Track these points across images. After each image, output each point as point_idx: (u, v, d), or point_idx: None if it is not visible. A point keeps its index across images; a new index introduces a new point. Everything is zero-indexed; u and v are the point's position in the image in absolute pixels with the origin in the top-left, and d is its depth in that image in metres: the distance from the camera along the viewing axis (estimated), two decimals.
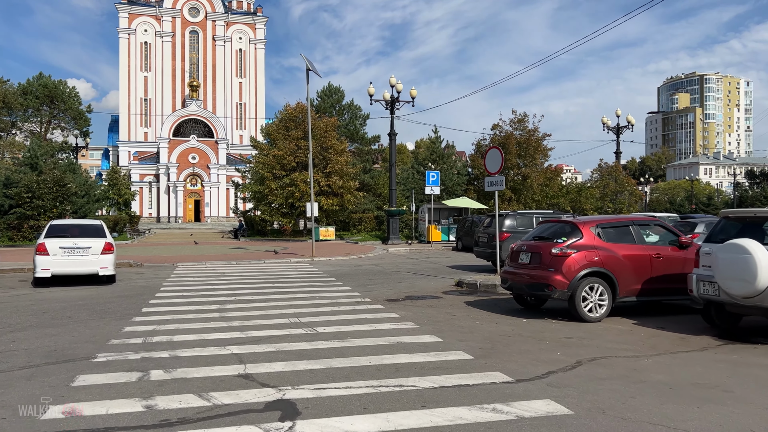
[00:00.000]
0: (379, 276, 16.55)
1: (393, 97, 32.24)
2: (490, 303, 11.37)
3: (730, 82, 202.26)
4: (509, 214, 17.55)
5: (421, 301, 11.59)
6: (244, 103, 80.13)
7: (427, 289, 13.64)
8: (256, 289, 13.57)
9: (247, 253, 24.99)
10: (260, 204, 39.35)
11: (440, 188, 29.64)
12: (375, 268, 18.91)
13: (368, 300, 11.74)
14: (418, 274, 17.11)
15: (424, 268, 18.81)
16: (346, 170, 37.72)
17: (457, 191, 38.90)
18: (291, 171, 37.64)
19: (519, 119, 37.16)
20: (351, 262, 21.70)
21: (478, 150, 38.52)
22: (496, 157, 14.58)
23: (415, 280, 15.34)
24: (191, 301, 11.73)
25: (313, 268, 18.92)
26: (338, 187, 36.95)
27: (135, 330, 8.72)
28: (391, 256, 24.38)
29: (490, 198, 37.06)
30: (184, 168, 73.19)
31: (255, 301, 11.68)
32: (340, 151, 38.00)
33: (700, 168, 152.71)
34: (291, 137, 37.99)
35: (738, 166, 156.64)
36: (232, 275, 16.71)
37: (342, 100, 45.37)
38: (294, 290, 13.33)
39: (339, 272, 17.61)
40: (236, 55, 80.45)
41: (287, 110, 39.65)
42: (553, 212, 18.56)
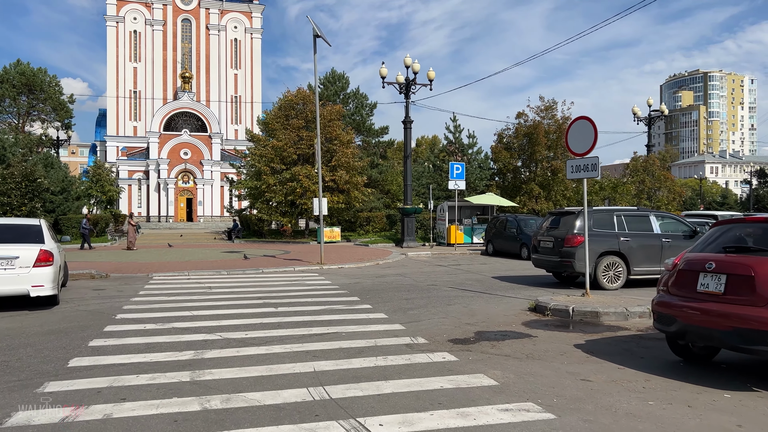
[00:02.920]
0: (413, 292, 12.49)
1: (408, 79, 28.20)
2: (622, 349, 7.30)
3: (734, 79, 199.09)
4: (582, 212, 13.51)
5: (507, 345, 7.53)
6: (239, 96, 75.86)
7: (496, 317, 9.58)
8: (251, 318, 9.48)
9: (241, 259, 20.87)
10: (257, 202, 35.23)
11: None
12: (402, 280, 14.85)
13: (423, 341, 7.68)
14: (464, 289, 13.05)
15: (466, 281, 14.75)
16: (353, 164, 33.65)
17: (479, 187, 34.87)
18: (292, 164, 33.55)
19: (546, 106, 33.16)
20: (369, 270, 17.62)
21: (500, 141, 34.50)
22: (586, 131, 10.53)
23: (468, 301, 11.27)
24: (153, 344, 7.63)
25: (325, 281, 14.84)
26: (344, 182, 32.88)
27: (29, 421, 4.63)
28: (414, 263, 20.29)
29: (517, 194, 33.05)
30: (175, 164, 68.92)
31: (250, 344, 7.60)
32: (346, 143, 33.92)
33: (706, 167, 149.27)
34: (291, 127, 33.89)
35: (746, 164, 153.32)
36: (221, 293, 12.61)
37: (347, 87, 41.26)
38: (306, 321, 9.24)
39: (359, 286, 13.54)
40: (231, 45, 76.20)
41: (287, 97, 35.55)
42: (637, 208, 14.55)
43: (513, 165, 34.07)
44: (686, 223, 13.88)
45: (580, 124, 10.70)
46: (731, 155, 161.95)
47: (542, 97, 33.31)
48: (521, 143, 33.48)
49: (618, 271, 13.03)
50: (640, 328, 8.58)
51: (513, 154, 33.83)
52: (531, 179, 33.29)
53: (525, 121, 33.59)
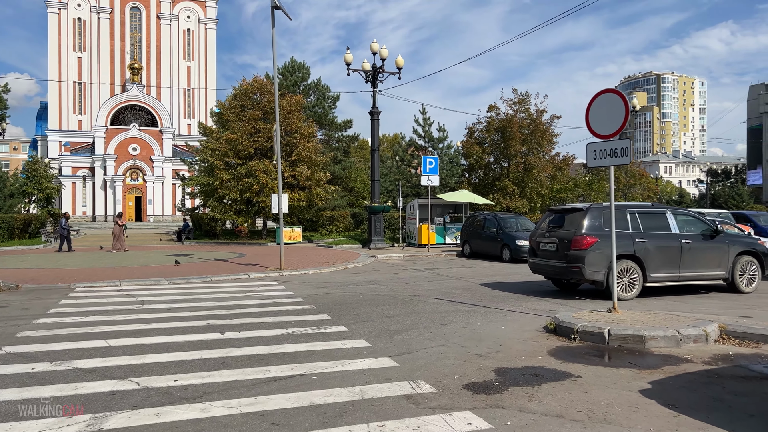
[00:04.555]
0: (395, 306, 10.22)
1: (375, 66, 25.89)
2: (709, 399, 5.18)
3: (685, 81, 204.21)
4: (590, 208, 11.49)
5: (548, 393, 5.33)
6: (192, 89, 72.11)
7: (510, 343, 7.39)
8: (187, 351, 7.04)
9: (188, 264, 18.21)
10: (209, 200, 32.34)
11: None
12: (378, 290, 12.56)
13: (429, 389, 5.43)
14: (454, 301, 10.86)
15: (452, 290, 12.57)
16: (315, 159, 31.16)
17: (450, 183, 32.85)
18: (248, 159, 30.84)
19: (520, 99, 31.37)
20: (337, 277, 15.28)
21: (471, 136, 32.55)
22: (613, 107, 8.44)
23: (466, 319, 9.07)
24: (30, 400, 5.15)
25: (286, 291, 12.42)
26: (305, 178, 30.36)
27: None
28: (387, 267, 18.04)
29: (490, 191, 31.18)
30: (123, 160, 64.80)
31: (178, 398, 5.19)
32: (307, 136, 31.40)
33: (660, 166, 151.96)
34: (247, 118, 31.17)
35: (698, 164, 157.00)
36: (154, 310, 10.07)
37: (308, 78, 38.59)
38: (262, 354, 6.85)
39: (328, 299, 11.19)
40: (184, 36, 72.37)
41: (243, 86, 32.81)
42: (652, 204, 12.62)
43: (485, 161, 32.20)
44: (706, 222, 12.04)
45: (607, 99, 8.62)
46: (684, 155, 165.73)
47: (515, 90, 31.63)
48: (493, 138, 31.62)
49: (633, 278, 11.07)
50: (704, 359, 6.53)
51: (485, 149, 31.95)
52: (504, 175, 31.48)
53: (497, 115, 31.74)
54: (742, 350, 6.92)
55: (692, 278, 11.53)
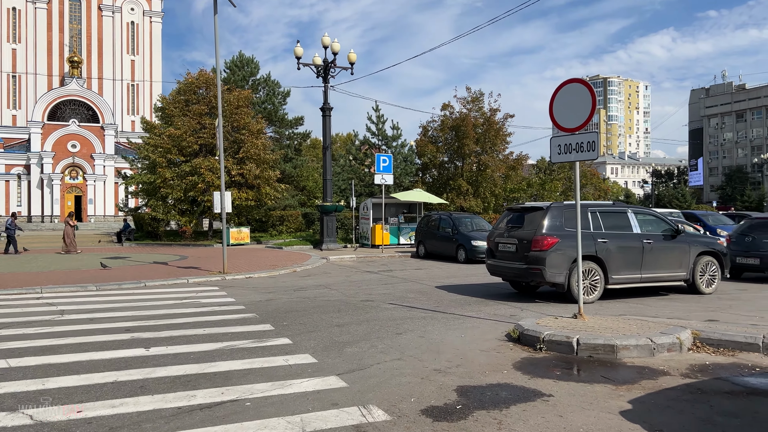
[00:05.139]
0: (346, 314, 9.42)
1: (327, 61, 25.03)
2: (698, 421, 4.58)
3: (630, 85, 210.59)
4: (551, 207, 10.95)
5: (518, 417, 4.63)
6: (137, 84, 69.30)
7: (471, 355, 6.70)
8: (102, 372, 6.05)
9: (123, 268, 16.91)
10: (151, 199, 30.71)
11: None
12: (328, 295, 11.73)
13: (383, 417, 4.65)
14: (409, 306, 10.14)
15: (407, 293, 11.85)
16: (264, 156, 29.96)
17: (404, 182, 32.19)
18: (192, 156, 29.39)
19: (473, 98, 31.02)
20: (284, 281, 14.34)
21: (425, 135, 32.01)
22: (579, 98, 7.87)
23: (422, 327, 8.34)
24: None
25: (227, 298, 11.44)
26: (254, 177, 29.14)
27: None
28: (339, 270, 17.20)
29: (445, 190, 30.69)
30: (62, 158, 61.61)
31: None
32: (256, 133, 30.18)
33: (607, 167, 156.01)
34: (192, 113, 29.70)
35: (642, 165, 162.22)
36: (74, 321, 8.95)
37: (256, 72, 37.25)
38: (190, 375, 5.93)
39: (273, 306, 10.28)
40: (128, 29, 69.47)
41: (187, 80, 31.29)
42: (613, 203, 12.20)
43: (439, 159, 31.71)
44: (667, 221, 11.71)
45: (572, 90, 8.04)
46: (629, 157, 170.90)
47: (469, 88, 31.26)
48: (447, 136, 31.18)
49: (595, 280, 10.60)
50: (682, 371, 5.98)
51: (439, 148, 31.47)
52: (458, 175, 31.07)
53: (451, 114, 31.30)
54: (719, 359, 6.43)
55: (654, 279, 11.16)
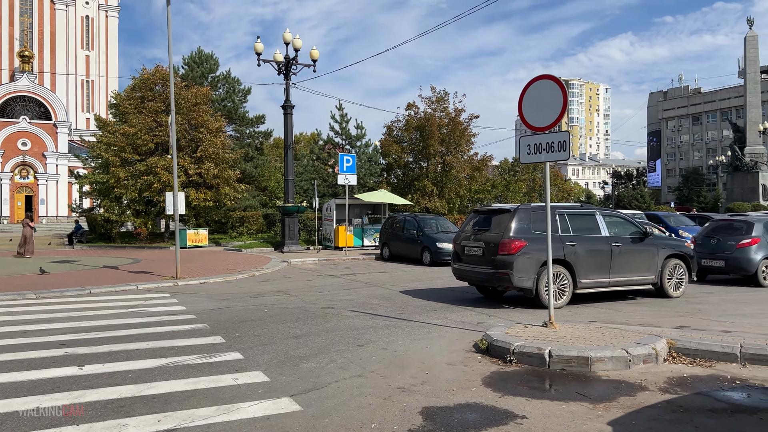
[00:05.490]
0: (305, 323, 8.84)
1: (288, 57, 24.35)
2: None
3: (590, 88, 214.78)
4: (518, 209, 10.58)
5: None
6: (91, 81, 66.92)
7: (438, 370, 6.22)
8: (27, 395, 5.35)
9: (69, 273, 15.93)
10: (104, 199, 29.43)
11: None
12: (287, 302, 11.12)
13: None
14: (372, 314, 9.62)
15: (370, 299, 11.34)
16: (224, 155, 29.04)
17: (368, 183, 31.64)
18: (148, 155, 28.25)
19: (438, 98, 30.69)
20: (241, 286, 13.65)
21: (390, 134, 31.56)
22: (549, 96, 7.48)
23: (386, 337, 7.84)
24: None
25: (178, 306, 10.72)
26: (212, 176, 28.19)
27: None
28: (300, 273, 16.57)
29: (409, 191, 30.28)
30: (11, 156, 58.94)
31: None
32: (215, 131, 29.20)
33: (568, 168, 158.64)
34: (148, 110, 28.58)
35: (603, 167, 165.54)
36: (4, 335, 8.14)
37: (216, 69, 36.17)
38: (123, 399, 5.28)
39: (226, 315, 9.62)
40: (82, 23, 67.04)
41: (143, 75, 30.11)
42: (581, 204, 11.92)
43: (404, 160, 31.30)
44: (635, 223, 11.48)
45: (542, 86, 7.64)
46: (590, 158, 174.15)
47: (434, 88, 30.92)
48: (412, 137, 30.79)
49: (563, 285, 10.27)
50: (660, 385, 5.62)
51: (404, 148, 31.06)
52: (423, 175, 30.71)
53: (416, 113, 30.92)
54: (696, 371, 6.10)
55: (622, 284, 10.91)
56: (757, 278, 12.69)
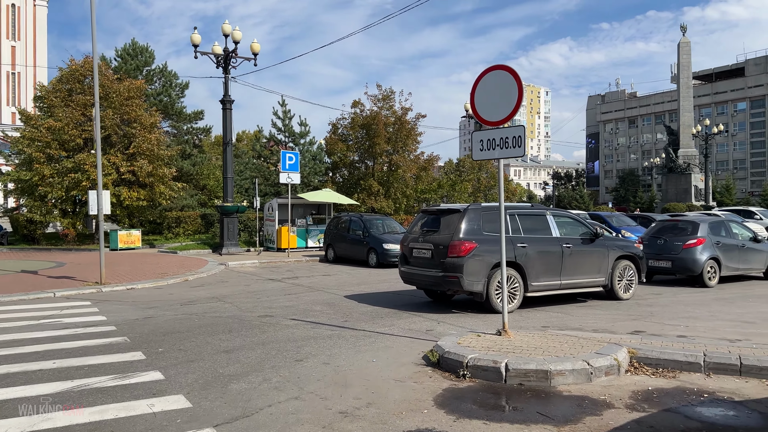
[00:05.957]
0: (238, 334, 8.05)
1: (227, 50, 23.26)
2: None
3: (532, 91, 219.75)
4: (468, 209, 10.07)
5: None
6: (18, 73, 63.02)
7: (385, 389, 5.59)
8: None
9: None
10: (28, 198, 27.41)
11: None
12: (221, 309, 10.26)
13: None
14: (314, 322, 8.91)
15: (312, 305, 10.61)
16: (158, 152, 27.53)
17: (313, 182, 30.74)
18: (76, 151, 26.52)
19: (384, 96, 30.15)
20: (172, 293, 12.64)
21: (335, 132, 30.77)
22: (504, 88, 6.97)
23: (328, 348, 7.15)
24: None
25: (97, 316, 9.68)
26: (146, 174, 26.68)
27: None
28: (238, 278, 15.62)
29: (355, 191, 29.60)
30: None
31: None
32: (149, 126, 27.67)
33: (511, 169, 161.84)
34: (75, 103, 26.79)
35: (543, 168, 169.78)
36: None
37: (151, 62, 34.41)
38: None
39: (150, 326, 8.69)
40: (8, 12, 63.02)
41: (71, 67, 28.22)
42: (532, 205, 11.53)
43: (349, 159, 30.57)
44: (585, 224, 11.21)
45: (496, 78, 7.13)
46: (531, 160, 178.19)
47: (380, 86, 30.36)
48: (358, 135, 30.12)
49: (514, 288, 9.85)
50: (625, 401, 5.18)
51: (350, 146, 30.34)
52: (369, 175, 30.09)
53: (361, 111, 30.28)
54: (661, 383, 5.70)
55: (574, 286, 10.60)
56: (702, 278, 12.69)
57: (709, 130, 41.48)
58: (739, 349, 6.27)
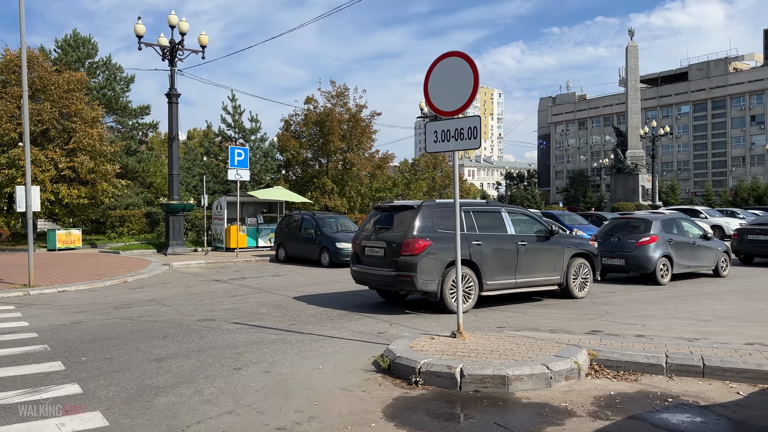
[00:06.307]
0: (173, 340, 7.42)
1: (174, 42, 22.31)
2: None
3: (486, 92, 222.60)
4: (422, 206, 9.66)
5: None
6: None
7: (329, 399, 5.10)
8: None
9: None
10: None
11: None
12: (158, 313, 9.55)
13: None
14: (258, 326, 8.34)
15: (258, 307, 10.02)
16: (101, 148, 26.22)
17: (264, 180, 29.86)
18: (10, 146, 25.00)
19: (338, 92, 29.56)
20: (107, 295, 11.80)
21: (288, 129, 30.00)
22: (459, 76, 6.58)
23: (270, 354, 6.61)
24: None
25: (19, 322, 8.84)
26: (88, 171, 25.36)
27: None
28: (181, 279, 14.83)
29: (308, 189, 28.93)
30: None
31: None
32: (90, 121, 26.32)
33: (465, 169, 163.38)
34: (9, 96, 25.27)
35: (496, 169, 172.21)
36: None
37: (94, 55, 32.81)
38: None
39: (77, 333, 7.95)
40: None
41: (6, 57, 26.60)
42: (487, 201, 11.21)
43: (303, 156, 29.85)
44: (541, 221, 10.99)
45: (451, 65, 6.74)
46: (485, 160, 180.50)
47: (333, 82, 29.73)
48: (311, 132, 29.44)
49: (469, 287, 9.50)
50: (588, 408, 4.84)
51: (303, 143, 29.63)
52: (323, 172, 29.46)
53: (315, 108, 29.62)
54: (623, 387, 5.40)
55: (529, 284, 10.34)
56: (655, 276, 12.67)
57: (656, 132, 42.52)
58: (700, 349, 6.05)
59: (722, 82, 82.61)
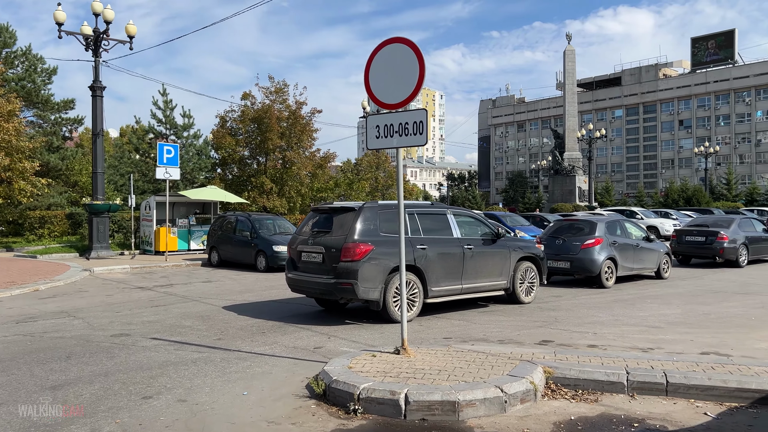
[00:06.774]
0: (78, 361, 6.46)
1: (98, 31, 20.86)
2: None
3: (427, 94, 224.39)
4: (363, 208, 8.98)
5: None
6: None
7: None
8: None
9: None
10: None
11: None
12: (68, 327, 8.48)
13: None
14: (179, 342, 7.45)
15: (182, 319, 9.09)
16: (18, 144, 24.18)
17: (197, 179, 28.42)
18: None
19: (277, 89, 28.47)
20: (12, 307, 10.53)
21: (223, 126, 28.67)
22: (403, 64, 5.95)
23: (189, 379, 5.77)
24: None
25: None
26: (3, 168, 23.35)
27: None
28: (101, 286, 13.59)
29: (246, 189, 27.74)
30: None
31: None
32: (5, 114, 24.23)
33: (407, 170, 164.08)
34: None
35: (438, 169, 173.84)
36: None
37: (13, 44, 30.41)
38: None
39: None
40: None
41: None
42: (431, 203, 10.61)
43: (239, 154, 28.62)
44: (487, 223, 10.52)
45: (394, 52, 6.09)
46: (427, 161, 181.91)
47: (272, 78, 28.65)
48: (249, 129, 28.25)
49: (413, 294, 8.92)
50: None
51: (239, 141, 28.40)
52: (261, 172, 28.32)
53: (252, 104, 28.44)
54: (583, 409, 4.90)
55: (475, 290, 9.85)
56: (600, 279, 12.49)
57: (592, 135, 43.47)
58: (660, 363, 5.64)
59: (653, 88, 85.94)
